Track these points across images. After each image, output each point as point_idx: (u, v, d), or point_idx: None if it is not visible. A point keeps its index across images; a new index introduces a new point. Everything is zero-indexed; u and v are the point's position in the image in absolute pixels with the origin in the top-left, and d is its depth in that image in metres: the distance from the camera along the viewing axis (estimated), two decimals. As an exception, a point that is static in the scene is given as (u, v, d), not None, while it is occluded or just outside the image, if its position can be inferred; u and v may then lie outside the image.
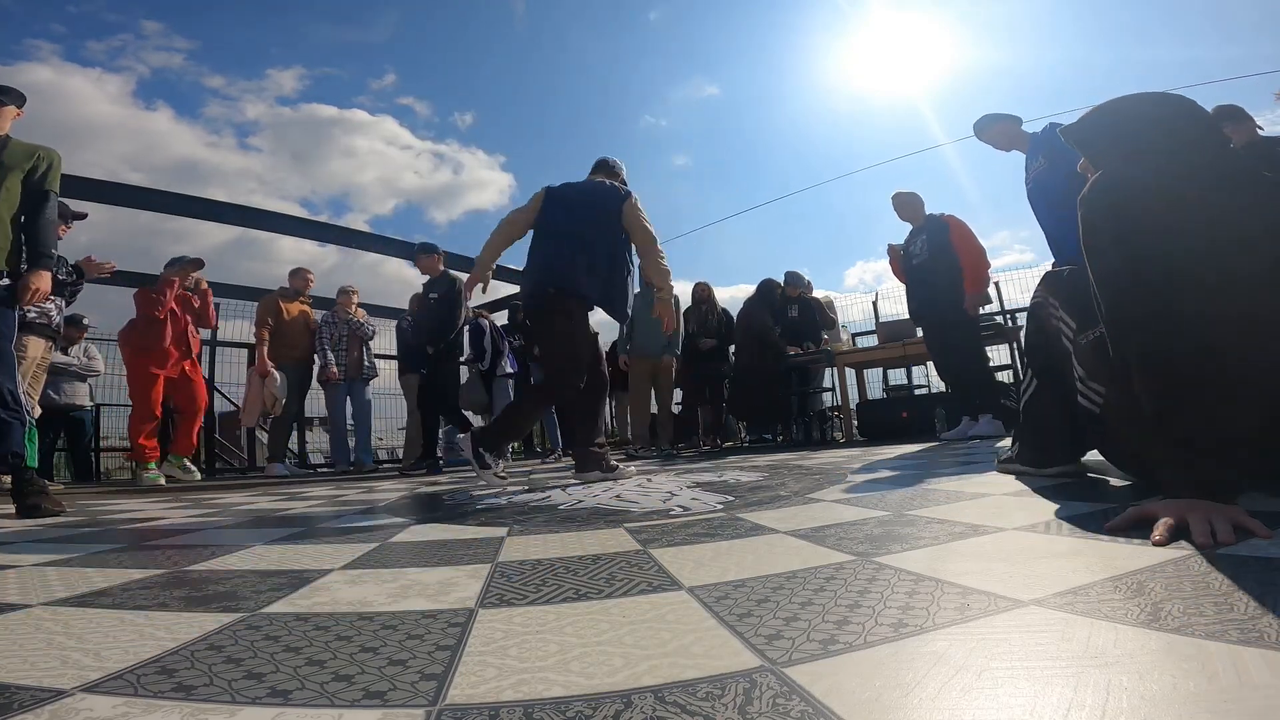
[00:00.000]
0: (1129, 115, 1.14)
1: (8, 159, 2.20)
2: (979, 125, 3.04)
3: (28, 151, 2.25)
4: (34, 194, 2.23)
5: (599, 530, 1.23)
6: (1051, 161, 2.67)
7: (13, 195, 2.18)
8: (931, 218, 3.92)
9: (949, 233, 3.80)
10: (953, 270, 3.71)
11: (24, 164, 2.23)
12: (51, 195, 2.28)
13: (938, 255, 3.77)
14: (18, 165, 2.21)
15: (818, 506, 1.38)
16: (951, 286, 3.70)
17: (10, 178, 2.18)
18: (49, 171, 2.28)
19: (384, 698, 0.48)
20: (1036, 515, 1.05)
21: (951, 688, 0.44)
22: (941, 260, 3.75)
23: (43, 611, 0.76)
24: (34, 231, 2.21)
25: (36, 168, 2.25)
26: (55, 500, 2.08)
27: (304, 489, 3.02)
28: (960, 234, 3.79)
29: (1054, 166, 2.65)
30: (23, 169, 2.22)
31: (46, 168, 2.28)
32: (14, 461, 2.04)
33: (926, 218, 3.94)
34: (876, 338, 6.13)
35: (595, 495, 1.83)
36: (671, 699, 0.45)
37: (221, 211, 5.96)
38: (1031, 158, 2.84)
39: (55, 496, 2.13)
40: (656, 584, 0.78)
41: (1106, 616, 0.55)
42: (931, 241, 3.83)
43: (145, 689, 0.51)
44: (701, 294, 5.51)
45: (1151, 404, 0.91)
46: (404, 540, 1.23)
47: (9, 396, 2.06)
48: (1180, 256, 0.93)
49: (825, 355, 5.24)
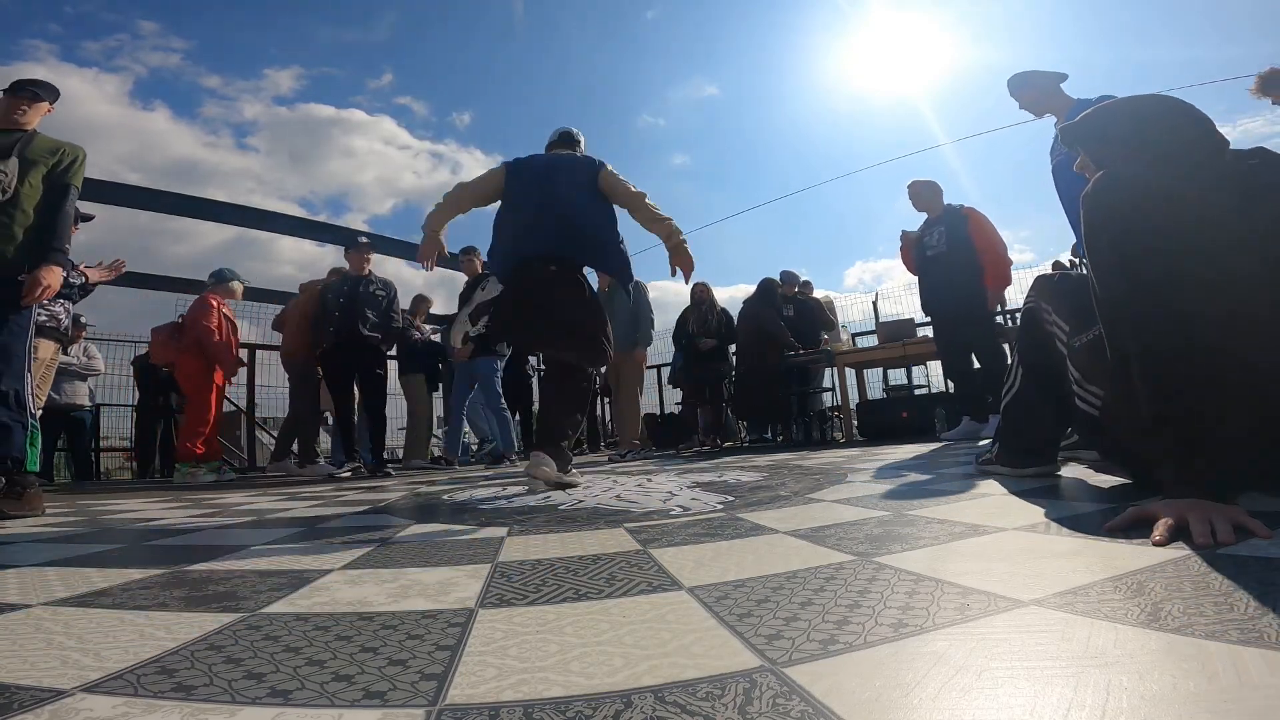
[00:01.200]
0: (1128, 116, 1.15)
1: (32, 154, 2.18)
2: (1014, 81, 2.72)
3: (52, 146, 2.24)
4: (54, 187, 2.21)
5: (599, 530, 1.23)
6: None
7: (36, 191, 2.17)
8: (950, 208, 3.79)
9: (968, 225, 3.67)
10: (970, 265, 3.59)
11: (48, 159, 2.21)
12: (72, 189, 2.26)
13: (956, 248, 3.64)
14: (42, 160, 2.20)
15: (818, 506, 1.38)
16: (968, 282, 3.58)
17: (34, 172, 2.16)
18: (72, 165, 2.27)
19: (384, 698, 0.48)
20: (1036, 515, 1.05)
21: (951, 688, 0.44)
22: (959, 253, 3.62)
23: (43, 611, 0.76)
24: (50, 224, 2.18)
25: (60, 162, 2.24)
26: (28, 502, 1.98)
27: (304, 489, 3.02)
28: (980, 227, 3.67)
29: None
30: (47, 164, 2.21)
31: (70, 162, 2.27)
32: (12, 466, 2.00)
33: (945, 208, 3.80)
34: (876, 338, 6.13)
35: (595, 495, 1.83)
36: (671, 699, 0.45)
37: (220, 211, 5.96)
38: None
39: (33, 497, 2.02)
40: (656, 584, 0.78)
41: (1106, 616, 0.55)
42: (950, 233, 3.69)
43: (145, 689, 0.51)
44: (701, 295, 5.51)
45: (1150, 404, 0.91)
46: (404, 540, 1.23)
47: (13, 399, 2.03)
48: (1179, 256, 0.93)
49: (825, 355, 5.24)
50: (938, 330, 3.92)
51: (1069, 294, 1.31)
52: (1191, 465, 0.85)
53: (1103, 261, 1.00)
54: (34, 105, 2.29)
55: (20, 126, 2.24)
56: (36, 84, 2.32)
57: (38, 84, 2.32)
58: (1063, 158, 2.65)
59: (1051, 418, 1.45)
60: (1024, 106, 2.75)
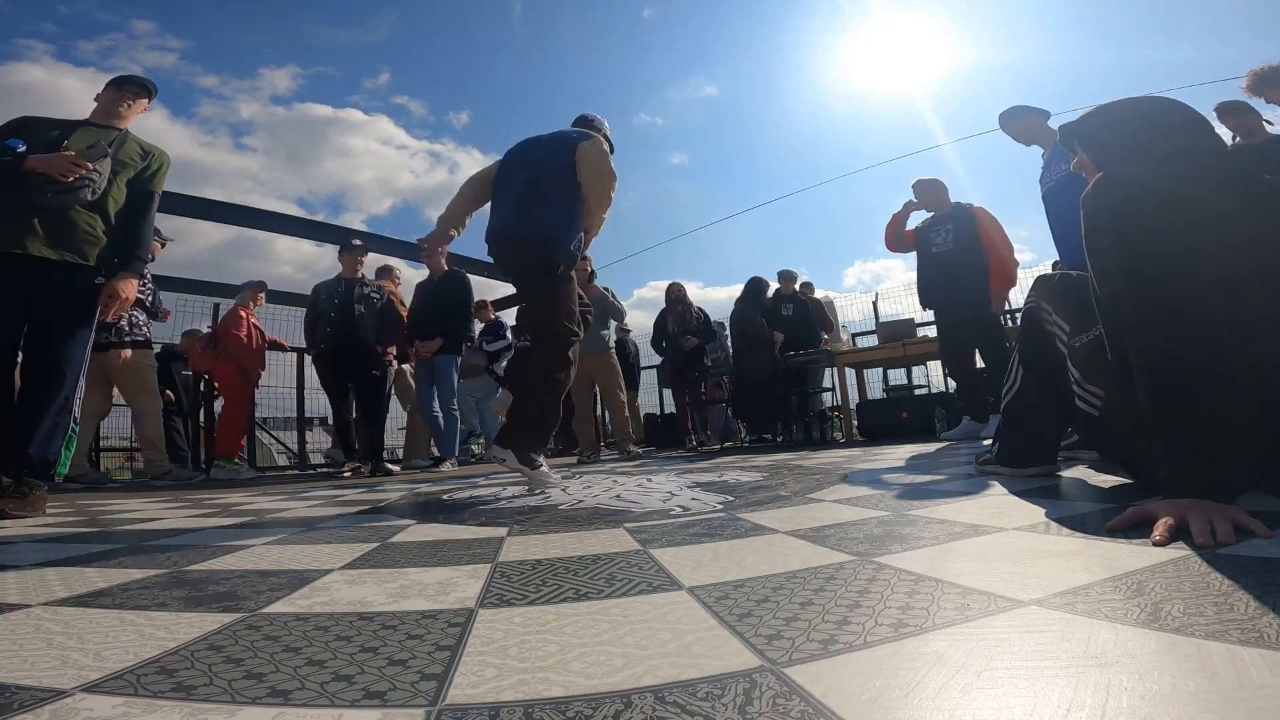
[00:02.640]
0: (1128, 117, 1.15)
1: (124, 155, 2.11)
2: (1004, 116, 2.91)
3: (143, 150, 2.18)
4: (139, 193, 2.16)
5: (599, 530, 1.23)
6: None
7: (121, 195, 2.10)
8: (959, 206, 3.79)
9: (977, 224, 3.66)
10: (977, 264, 3.58)
11: (138, 163, 2.16)
12: (155, 197, 2.21)
13: (963, 246, 3.63)
14: (131, 164, 2.14)
15: (818, 506, 1.38)
16: (974, 281, 3.57)
17: (122, 175, 2.10)
18: (159, 172, 2.22)
19: (384, 698, 0.48)
20: (1036, 515, 1.05)
21: (951, 688, 0.44)
22: (966, 252, 3.61)
23: (43, 611, 0.76)
24: (135, 231, 2.13)
25: (149, 167, 2.18)
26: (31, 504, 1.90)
27: (304, 489, 3.02)
28: (989, 227, 3.65)
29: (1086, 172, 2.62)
30: (135, 167, 2.15)
31: (158, 168, 2.22)
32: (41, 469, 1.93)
33: (953, 205, 3.80)
34: (876, 338, 6.13)
35: (595, 495, 1.83)
36: (671, 699, 0.45)
37: (219, 211, 5.97)
38: (1057, 159, 2.77)
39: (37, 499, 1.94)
40: (656, 584, 0.78)
41: (1106, 616, 0.55)
42: (958, 231, 3.68)
43: (145, 689, 0.51)
44: (676, 294, 5.53)
45: (1151, 404, 0.91)
46: (404, 540, 1.23)
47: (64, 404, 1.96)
48: (1180, 257, 0.93)
49: (825, 355, 5.24)
50: (940, 329, 3.91)
51: (1070, 294, 1.31)
52: (1192, 465, 0.85)
53: (1103, 262, 1.00)
54: (136, 102, 2.23)
55: (119, 123, 2.18)
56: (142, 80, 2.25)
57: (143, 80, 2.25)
58: (1052, 185, 2.76)
59: (1052, 418, 1.45)
60: (1012, 136, 2.93)
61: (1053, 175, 2.74)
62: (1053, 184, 2.74)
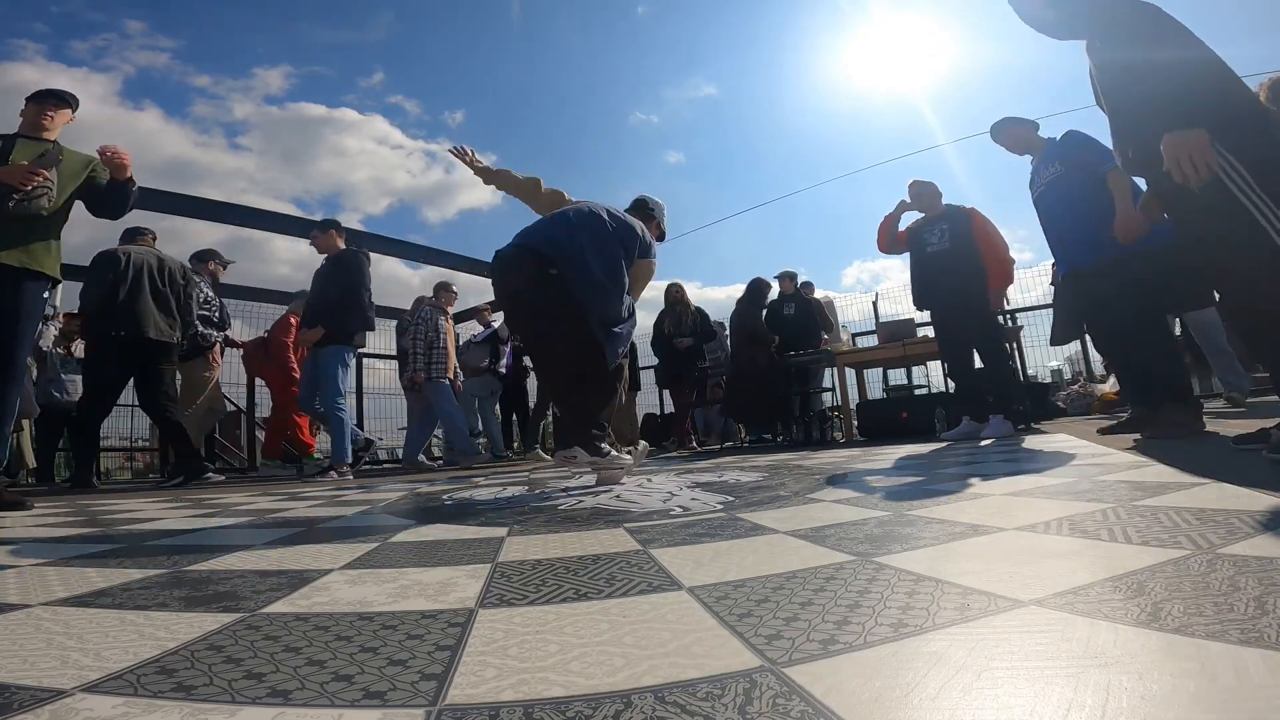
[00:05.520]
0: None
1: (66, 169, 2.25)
2: (996, 128, 3.00)
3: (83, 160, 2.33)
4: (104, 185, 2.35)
5: (599, 530, 1.23)
6: (1068, 167, 2.68)
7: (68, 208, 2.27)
8: (952, 208, 3.83)
9: (971, 224, 3.70)
10: (972, 263, 3.61)
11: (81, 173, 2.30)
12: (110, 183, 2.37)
13: (959, 246, 3.66)
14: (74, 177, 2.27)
15: (818, 506, 1.38)
16: (970, 280, 3.60)
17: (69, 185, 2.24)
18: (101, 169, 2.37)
19: (384, 698, 0.48)
20: (1036, 515, 1.05)
21: (951, 688, 0.44)
22: (961, 251, 3.65)
23: (43, 611, 0.76)
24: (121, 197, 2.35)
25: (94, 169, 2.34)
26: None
27: (304, 488, 3.02)
28: (984, 227, 3.70)
29: (1070, 171, 2.67)
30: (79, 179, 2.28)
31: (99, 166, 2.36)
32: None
33: (945, 208, 3.84)
34: (876, 338, 6.13)
35: (595, 495, 1.83)
36: (671, 699, 0.45)
37: (215, 210, 5.97)
38: (1045, 164, 2.80)
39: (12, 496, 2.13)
40: (656, 584, 0.78)
41: (1106, 616, 0.55)
42: (953, 231, 3.71)
43: (145, 689, 0.51)
44: (675, 295, 5.55)
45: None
46: (404, 540, 1.23)
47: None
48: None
49: (825, 355, 5.24)
50: (938, 329, 3.92)
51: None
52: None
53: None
54: (59, 113, 2.34)
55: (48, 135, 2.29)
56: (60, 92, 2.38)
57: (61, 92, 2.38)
58: (1042, 189, 2.81)
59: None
60: (1004, 146, 3.02)
61: (1042, 180, 2.82)
62: (1043, 188, 2.81)
